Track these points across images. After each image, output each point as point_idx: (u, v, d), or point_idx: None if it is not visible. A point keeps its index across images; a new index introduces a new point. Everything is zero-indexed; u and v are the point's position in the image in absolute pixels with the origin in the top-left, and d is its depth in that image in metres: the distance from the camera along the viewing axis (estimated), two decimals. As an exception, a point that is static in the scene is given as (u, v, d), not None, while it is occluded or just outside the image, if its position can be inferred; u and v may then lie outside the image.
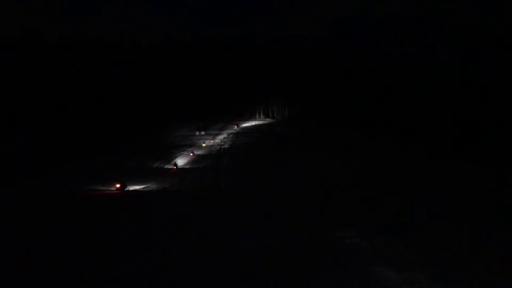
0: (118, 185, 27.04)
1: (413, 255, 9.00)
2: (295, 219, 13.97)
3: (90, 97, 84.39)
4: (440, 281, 7.34)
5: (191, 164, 44.09)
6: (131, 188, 28.04)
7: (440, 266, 8.21)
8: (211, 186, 28.44)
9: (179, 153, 52.24)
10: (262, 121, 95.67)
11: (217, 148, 56.17)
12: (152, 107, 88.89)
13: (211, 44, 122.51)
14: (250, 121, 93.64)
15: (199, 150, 54.91)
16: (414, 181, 24.74)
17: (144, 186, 29.80)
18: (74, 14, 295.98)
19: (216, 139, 66.18)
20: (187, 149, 56.13)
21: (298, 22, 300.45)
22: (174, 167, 40.20)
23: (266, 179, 29.17)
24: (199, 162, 44.98)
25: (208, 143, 60.75)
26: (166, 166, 42.53)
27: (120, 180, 27.90)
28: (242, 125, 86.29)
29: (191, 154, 50.88)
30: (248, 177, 31.93)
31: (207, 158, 47.09)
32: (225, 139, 65.95)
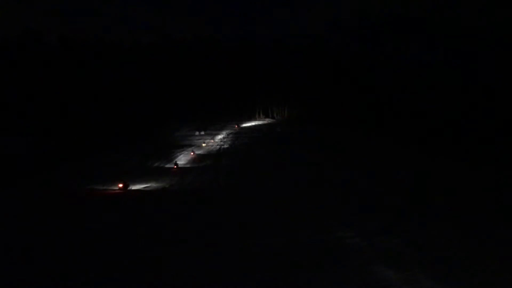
0: (121, 184, 27.66)
1: (413, 255, 9.00)
2: (295, 219, 13.96)
3: (90, 97, 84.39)
4: (440, 281, 7.34)
5: (192, 163, 44.10)
6: (134, 187, 28.41)
7: (440, 266, 8.21)
8: (211, 186, 28.47)
9: (180, 152, 52.29)
10: (262, 121, 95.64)
11: (217, 148, 56.20)
12: (152, 107, 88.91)
13: (211, 44, 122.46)
14: (250, 121, 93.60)
15: (199, 150, 54.95)
16: (414, 181, 24.73)
17: (145, 186, 29.91)
18: (74, 14, 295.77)
19: (216, 139, 66.20)
20: (187, 148, 56.17)
21: (298, 22, 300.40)
22: (174, 167, 40.34)
23: (266, 179, 29.16)
24: (199, 161, 45.00)
25: (208, 143, 60.77)
26: (167, 166, 42.58)
27: (122, 180, 28.54)
28: (242, 125, 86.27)
29: (192, 153, 51.19)
30: (248, 176, 31.93)
31: (207, 158, 47.12)
32: (225, 139, 65.96)
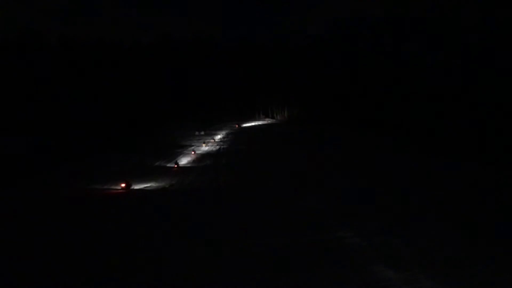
0: (124, 184, 28.05)
1: (413, 255, 9.00)
2: (295, 219, 13.96)
3: (90, 97, 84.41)
4: (440, 281, 7.34)
5: (192, 163, 44.16)
6: (136, 187, 28.68)
7: (440, 266, 8.21)
8: (211, 185, 28.48)
9: (180, 152, 52.40)
10: (262, 121, 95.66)
11: (217, 148, 56.23)
12: (152, 107, 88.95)
13: (211, 44, 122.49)
14: (250, 121, 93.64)
15: (199, 149, 55.02)
16: (414, 181, 24.72)
17: (146, 185, 30.03)
18: (74, 14, 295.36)
19: (216, 139, 66.25)
20: (188, 148, 56.29)
21: (298, 22, 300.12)
22: (175, 166, 40.44)
23: (266, 179, 29.17)
24: (199, 161, 45.05)
25: (208, 143, 60.82)
26: (168, 165, 42.68)
27: (125, 179, 29.01)
28: (242, 125, 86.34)
29: (193, 152, 51.63)
30: (248, 176, 31.93)
31: (207, 158, 47.16)
32: (225, 139, 66.01)
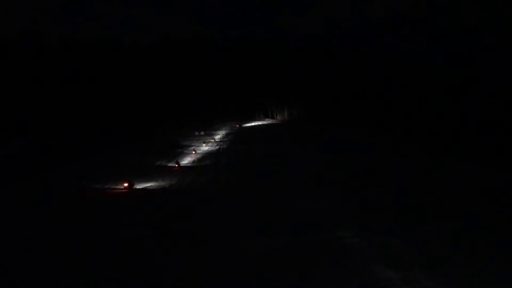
0: (126, 184, 28.27)
1: (413, 255, 9.00)
2: (295, 219, 13.96)
3: (90, 97, 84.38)
4: (440, 281, 7.35)
5: (192, 163, 44.19)
6: (138, 186, 28.80)
7: (440, 266, 8.21)
8: (211, 185, 28.51)
9: (180, 152, 52.43)
10: (262, 121, 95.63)
11: (217, 148, 56.26)
12: (152, 107, 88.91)
13: (211, 44, 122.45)
14: (250, 121, 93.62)
15: (200, 149, 55.07)
16: (414, 181, 24.73)
17: (148, 185, 30.12)
18: (74, 14, 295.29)
19: (216, 139, 66.25)
20: (188, 148, 56.30)
21: (298, 22, 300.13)
22: (176, 165, 40.50)
23: (266, 179, 29.19)
24: (200, 161, 45.09)
25: (208, 143, 60.84)
26: (169, 164, 42.74)
27: (127, 179, 29.28)
28: (242, 125, 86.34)
29: (193, 152, 51.68)
30: (248, 176, 31.95)
31: (207, 158, 47.18)
32: (225, 139, 66.01)
